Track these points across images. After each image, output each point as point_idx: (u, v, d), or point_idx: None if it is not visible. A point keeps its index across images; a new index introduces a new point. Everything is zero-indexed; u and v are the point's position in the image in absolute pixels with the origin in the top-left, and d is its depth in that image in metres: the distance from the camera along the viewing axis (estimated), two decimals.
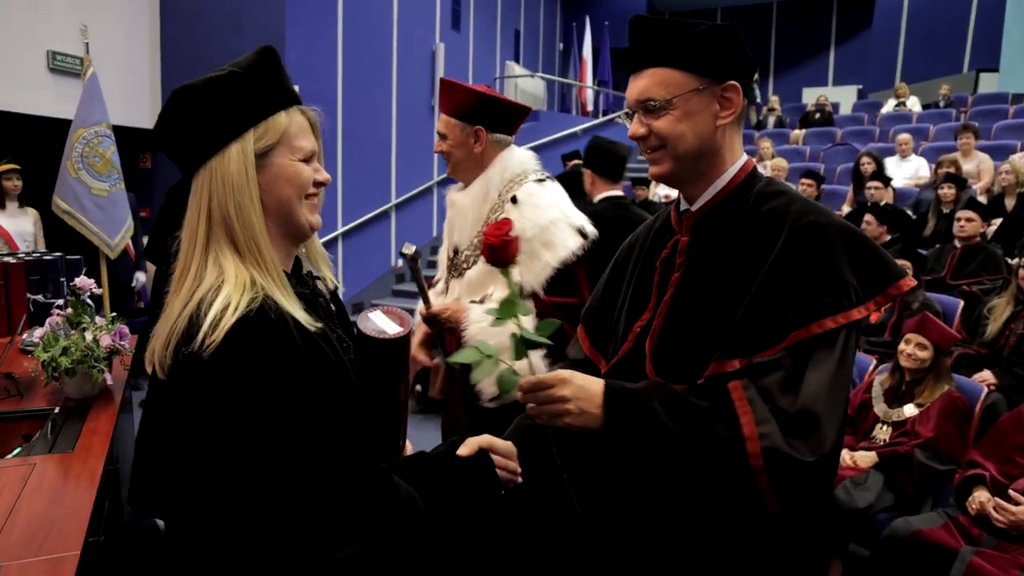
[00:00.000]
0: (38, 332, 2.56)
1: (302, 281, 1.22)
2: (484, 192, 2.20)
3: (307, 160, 1.16)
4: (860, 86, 14.01)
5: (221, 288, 1.04)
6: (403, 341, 1.31)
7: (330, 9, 7.42)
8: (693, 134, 1.27)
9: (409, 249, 2.11)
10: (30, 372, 2.48)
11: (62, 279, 3.95)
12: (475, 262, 2.19)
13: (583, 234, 2.16)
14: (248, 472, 0.99)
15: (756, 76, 13.77)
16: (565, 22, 14.98)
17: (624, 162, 3.95)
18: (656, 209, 7.92)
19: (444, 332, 2.24)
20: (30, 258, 3.86)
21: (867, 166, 7.21)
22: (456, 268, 2.27)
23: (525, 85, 12.73)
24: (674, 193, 1.41)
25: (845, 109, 12.13)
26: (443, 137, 2.23)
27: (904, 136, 8.03)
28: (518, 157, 2.24)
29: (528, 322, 1.25)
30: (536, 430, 1.35)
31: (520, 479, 1.26)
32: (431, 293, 2.31)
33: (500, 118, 2.20)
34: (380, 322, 1.33)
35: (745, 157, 1.36)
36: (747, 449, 1.11)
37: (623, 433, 1.20)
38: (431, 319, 2.19)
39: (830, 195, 7.67)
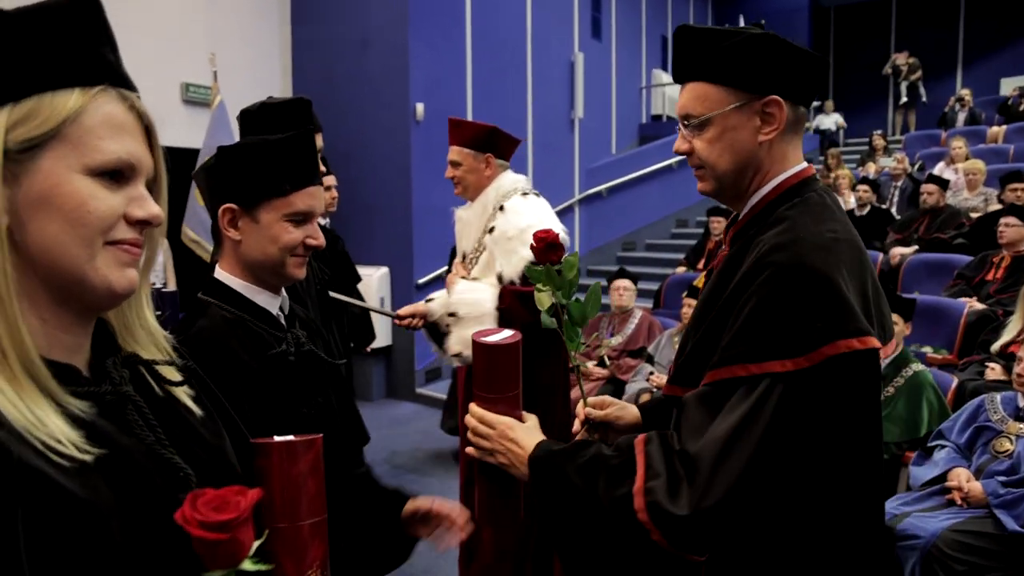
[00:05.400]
0: None
1: (101, 374, 0.73)
2: (483, 206, 2.69)
3: (115, 178, 0.68)
4: None
5: None
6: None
7: (457, 22, 7.12)
8: (731, 153, 1.25)
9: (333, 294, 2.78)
10: None
11: (157, 312, 3.77)
12: (477, 262, 2.74)
13: None
14: None
15: (919, 74, 12.12)
16: (717, 23, 14.03)
17: None
18: None
19: (433, 324, 2.81)
20: None
21: None
22: (467, 269, 2.77)
23: (674, 94, 11.93)
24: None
25: None
26: (456, 165, 2.69)
27: None
28: (510, 178, 2.74)
29: None
30: None
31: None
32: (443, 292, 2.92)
33: (503, 147, 2.72)
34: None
35: (795, 169, 1.28)
36: (634, 504, 1.12)
37: (543, 495, 1.23)
38: (412, 315, 2.77)
39: None
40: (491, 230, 2.62)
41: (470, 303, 2.59)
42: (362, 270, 5.14)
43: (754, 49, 1.20)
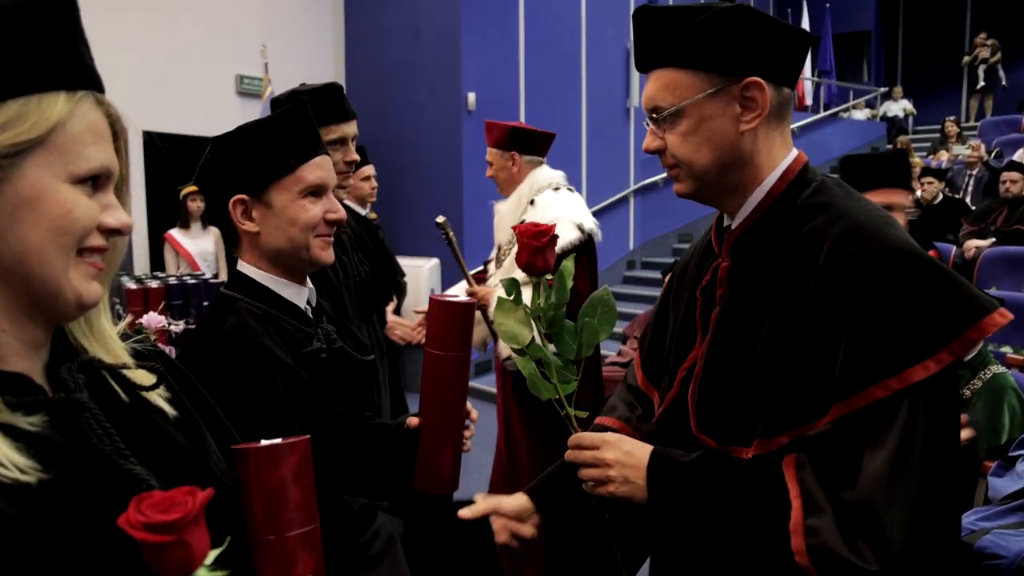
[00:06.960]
0: None
1: (57, 381, 0.71)
2: (517, 200, 2.78)
3: (93, 185, 0.68)
4: None
5: None
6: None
7: (510, 10, 7.02)
8: (710, 147, 1.10)
9: (441, 219, 2.72)
10: None
11: (204, 303, 3.77)
12: (509, 254, 2.80)
13: (582, 229, 2.65)
14: None
15: (998, 56, 11.42)
16: (779, 8, 13.56)
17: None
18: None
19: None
20: (172, 282, 3.72)
21: None
22: (499, 261, 2.89)
23: None
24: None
25: None
26: (490, 164, 2.83)
27: None
28: (544, 173, 2.79)
29: None
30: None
31: (520, 545, 1.28)
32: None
33: (529, 144, 2.78)
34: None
35: (791, 158, 1.15)
36: (791, 545, 0.98)
37: (668, 510, 1.13)
38: (472, 296, 2.73)
39: None
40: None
41: None
42: (412, 261, 5.09)
43: (726, 25, 1.06)
